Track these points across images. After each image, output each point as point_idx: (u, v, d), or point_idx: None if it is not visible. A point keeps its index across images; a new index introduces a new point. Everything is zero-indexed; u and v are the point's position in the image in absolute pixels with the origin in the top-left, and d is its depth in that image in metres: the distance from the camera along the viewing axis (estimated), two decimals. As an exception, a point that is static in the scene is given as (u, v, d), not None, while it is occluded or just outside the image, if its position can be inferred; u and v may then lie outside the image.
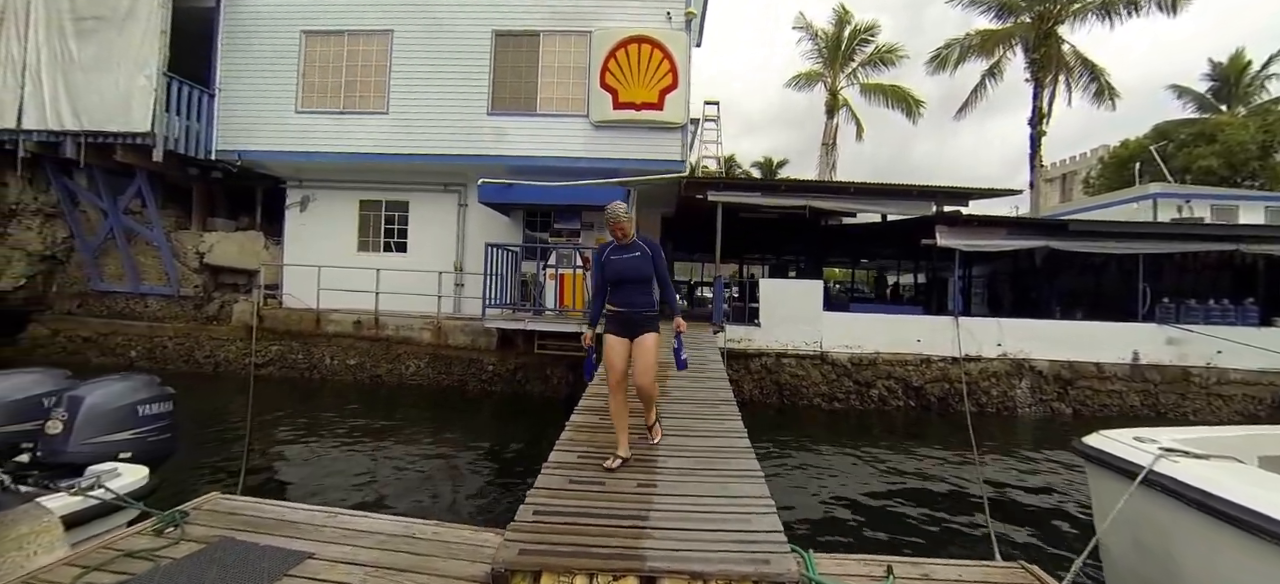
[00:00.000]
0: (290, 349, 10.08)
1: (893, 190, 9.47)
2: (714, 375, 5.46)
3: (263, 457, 6.22)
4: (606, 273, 3.39)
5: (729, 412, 4.37)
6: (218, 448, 6.26)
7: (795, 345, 9.45)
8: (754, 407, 9.16)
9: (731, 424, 4.10)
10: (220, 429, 6.92)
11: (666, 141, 9.64)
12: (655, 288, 3.44)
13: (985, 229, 9.57)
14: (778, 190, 9.54)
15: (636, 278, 3.35)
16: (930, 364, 9.45)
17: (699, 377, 5.45)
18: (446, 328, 9.89)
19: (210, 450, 6.15)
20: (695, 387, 5.11)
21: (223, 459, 5.90)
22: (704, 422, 4.16)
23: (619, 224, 3.34)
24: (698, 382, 5.28)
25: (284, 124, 10.00)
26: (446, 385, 9.64)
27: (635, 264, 3.33)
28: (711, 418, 4.28)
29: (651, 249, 3.35)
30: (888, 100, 16.36)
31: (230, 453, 6.07)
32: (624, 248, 3.37)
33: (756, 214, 12.65)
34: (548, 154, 9.72)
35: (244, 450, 5.58)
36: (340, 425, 7.49)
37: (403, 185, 10.88)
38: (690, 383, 5.21)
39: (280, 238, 11.19)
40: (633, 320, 3.40)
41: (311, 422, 7.63)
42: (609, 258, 3.39)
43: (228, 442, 6.47)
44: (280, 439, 7.02)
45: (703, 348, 6.82)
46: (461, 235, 10.81)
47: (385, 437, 7.09)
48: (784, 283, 9.82)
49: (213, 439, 6.54)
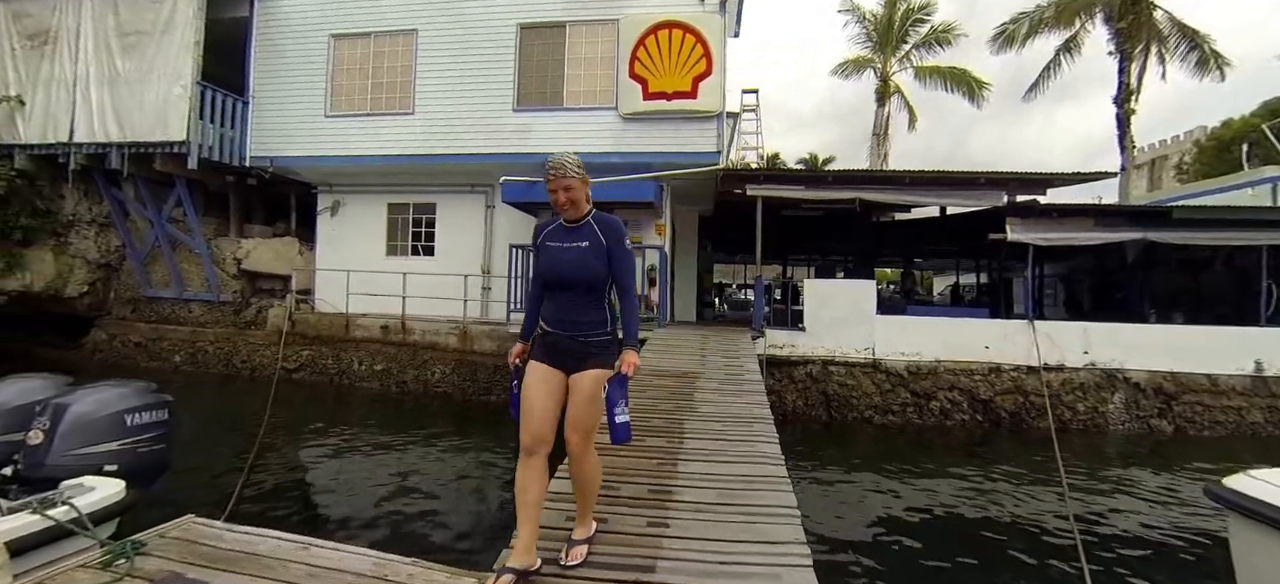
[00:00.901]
0: (320, 354, 10.23)
1: (956, 179, 8.62)
2: (750, 388, 4.96)
3: (275, 469, 6.17)
4: (539, 266, 2.33)
5: (764, 432, 3.87)
6: (234, 458, 6.27)
7: (844, 352, 8.74)
8: (798, 420, 8.54)
9: (766, 448, 3.60)
10: (244, 437, 6.96)
11: (701, 132, 9.17)
12: (608, 299, 2.29)
13: (1068, 220, 8.56)
14: (824, 182, 8.88)
15: (579, 281, 2.21)
16: (1001, 374, 8.53)
17: (733, 389, 4.96)
18: (473, 333, 9.76)
19: (224, 460, 6.15)
20: (727, 400, 4.63)
21: (234, 471, 5.86)
22: (733, 444, 3.69)
23: (562, 181, 2.17)
24: (731, 394, 4.79)
25: (314, 129, 10.17)
26: (471, 394, 9.51)
27: (580, 260, 2.21)
28: (743, 438, 3.79)
29: (609, 236, 2.24)
30: (947, 84, 15.18)
31: (243, 464, 6.06)
32: (569, 230, 2.26)
33: (800, 211, 11.97)
34: (575, 149, 9.38)
35: (244, 471, 5.49)
36: (360, 436, 7.44)
37: (430, 188, 10.88)
38: (721, 396, 4.73)
39: (314, 243, 11.44)
40: (566, 348, 2.25)
41: (333, 430, 7.62)
42: (545, 242, 2.31)
43: (245, 452, 6.47)
44: (300, 446, 7.02)
45: (740, 356, 6.32)
46: (489, 237, 10.69)
47: (403, 449, 6.98)
48: (831, 283, 9.13)
49: (229, 447, 6.57)
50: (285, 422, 8.04)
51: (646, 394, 4.74)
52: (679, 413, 4.29)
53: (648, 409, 4.35)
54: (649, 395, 4.72)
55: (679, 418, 4.17)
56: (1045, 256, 16.98)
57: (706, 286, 14.36)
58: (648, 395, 4.71)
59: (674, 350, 6.55)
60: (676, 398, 4.67)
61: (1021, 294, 20.82)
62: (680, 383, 5.12)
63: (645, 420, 4.07)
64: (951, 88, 15.13)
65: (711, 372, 5.51)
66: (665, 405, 4.47)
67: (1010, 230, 8.70)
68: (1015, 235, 8.69)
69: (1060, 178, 8.42)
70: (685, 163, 9.15)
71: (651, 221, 10.09)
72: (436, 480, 5.88)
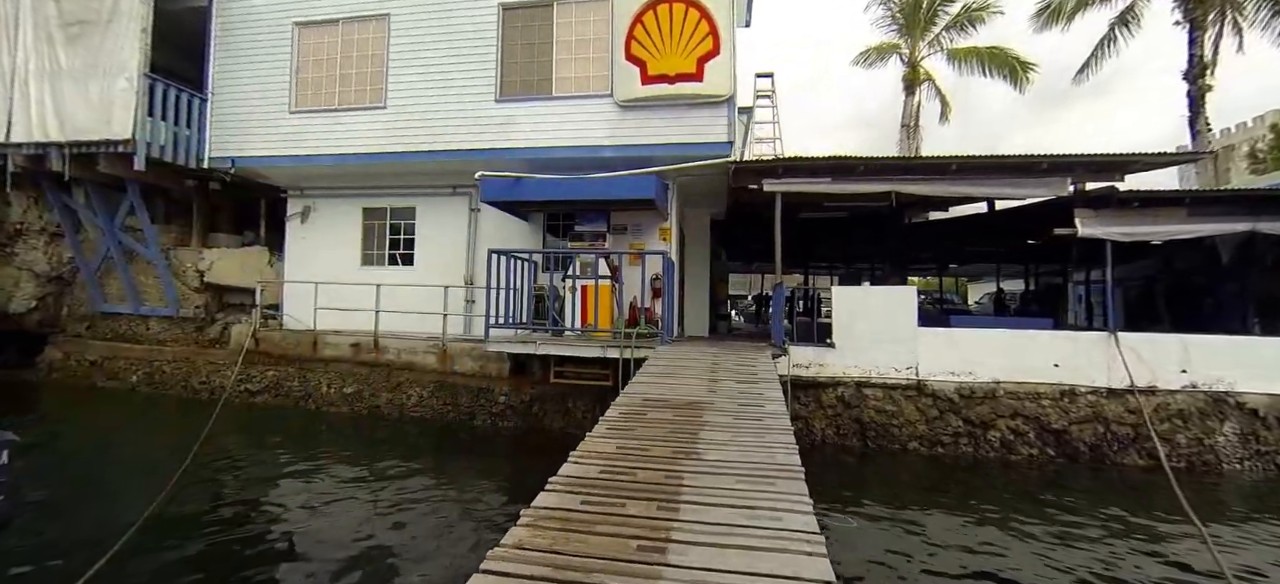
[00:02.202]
0: (285, 376, 9.36)
1: (1012, 164, 7.46)
2: (772, 425, 3.86)
3: (199, 521, 5.19)
4: None
5: (792, 495, 2.77)
6: (149, 503, 5.29)
7: (882, 372, 7.59)
8: (828, 452, 7.39)
9: (797, 518, 2.50)
10: (164, 480, 6.00)
11: (708, 120, 8.16)
12: None
13: (1153, 211, 7.33)
14: (853, 172, 7.79)
15: None
16: (1076, 397, 7.29)
17: (751, 427, 3.87)
18: (453, 352, 8.81)
19: (123, 511, 5.15)
20: (743, 442, 3.54)
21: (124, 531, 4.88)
22: (754, 512, 2.60)
23: None
24: (748, 433, 3.70)
25: (277, 126, 9.41)
26: (452, 419, 8.53)
27: None
28: (765, 498, 2.70)
29: None
30: (985, 67, 13.99)
31: (163, 507, 5.09)
32: None
33: (822, 211, 10.86)
34: (565, 144, 8.49)
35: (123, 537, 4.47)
36: (321, 471, 6.54)
37: (408, 190, 10.03)
38: (734, 436, 3.65)
39: (285, 253, 10.65)
40: None
41: (290, 463, 6.73)
42: None
43: (178, 483, 5.51)
44: (246, 483, 6.10)
45: (759, 380, 5.22)
46: (473, 244, 9.77)
47: (373, 486, 6.07)
48: (865, 291, 7.98)
49: (142, 493, 5.59)
50: (236, 451, 7.21)
51: (635, 434, 3.68)
52: (677, 461, 3.22)
53: (635, 455, 3.29)
54: (638, 436, 3.65)
55: (677, 470, 3.10)
56: (1095, 258, 15.53)
57: (720, 297, 13.27)
58: (636, 436, 3.65)
59: (678, 372, 5.48)
60: (676, 438, 3.60)
61: (1073, 301, 19.37)
62: (683, 416, 4.05)
63: (629, 473, 3.02)
64: (990, 71, 13.93)
65: (723, 401, 4.43)
66: (659, 450, 3.40)
67: (1081, 224, 7.50)
68: (1087, 230, 7.49)
69: (1141, 159, 7.22)
70: (692, 155, 8.15)
71: (655, 224, 9.08)
72: (411, 537, 4.83)
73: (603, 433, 3.70)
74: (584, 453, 3.31)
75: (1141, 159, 7.28)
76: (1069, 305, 18.72)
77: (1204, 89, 11.44)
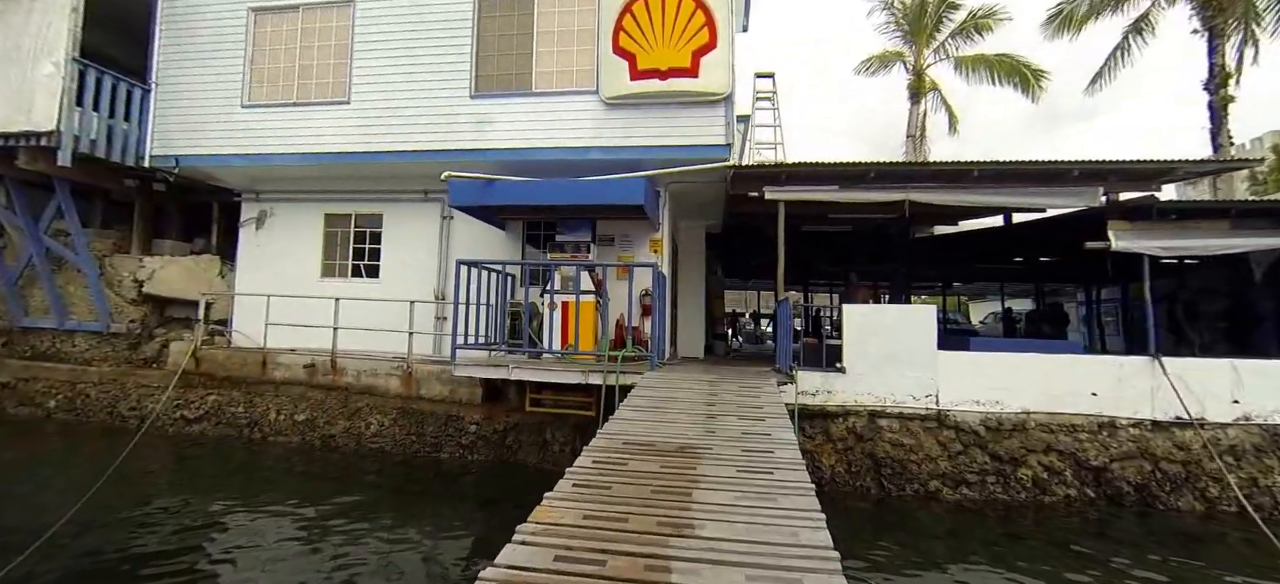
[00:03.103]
0: (229, 400, 8.43)
1: (1040, 172, 6.81)
2: (791, 481, 3.06)
3: (118, 554, 4.29)
4: None
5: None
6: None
7: (898, 400, 6.83)
8: (837, 492, 6.61)
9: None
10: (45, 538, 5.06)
11: (705, 121, 7.47)
12: None
13: (1194, 224, 6.69)
14: (864, 178, 7.10)
15: None
16: (1116, 431, 6.58)
17: (758, 483, 3.07)
18: (420, 374, 7.95)
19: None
20: (750, 506, 2.74)
21: None
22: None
23: None
24: (755, 496, 2.90)
25: (228, 122, 8.60)
26: (416, 451, 7.66)
27: None
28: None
29: None
30: (994, 75, 13.51)
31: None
32: None
33: (824, 225, 10.18)
34: (547, 145, 7.75)
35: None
36: (263, 514, 5.71)
37: (375, 194, 9.23)
38: (739, 498, 2.84)
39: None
40: None
41: (224, 509, 5.88)
42: None
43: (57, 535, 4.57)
44: (164, 537, 5.20)
45: (765, 415, 4.43)
46: (444, 255, 8.96)
47: (322, 532, 5.29)
48: (880, 309, 7.25)
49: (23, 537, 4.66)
50: (158, 490, 6.41)
51: (610, 494, 2.87)
52: (663, 541, 2.41)
53: (606, 531, 2.47)
54: (613, 496, 2.84)
55: (663, 558, 2.28)
56: (1094, 273, 14.92)
57: (717, 316, 12.51)
58: (612, 496, 2.84)
59: (668, 404, 4.68)
60: (662, 502, 2.79)
61: (1077, 321, 18.77)
62: (672, 468, 3.25)
63: (595, 558, 2.20)
64: (1000, 80, 13.45)
65: (723, 446, 3.63)
66: (640, 521, 2.59)
67: (1115, 238, 6.86)
68: (1122, 244, 6.84)
69: (1183, 167, 6.59)
70: (686, 159, 7.44)
71: (645, 236, 8.33)
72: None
73: (568, 493, 2.89)
74: (538, 527, 2.49)
75: (1182, 166, 6.66)
76: (1073, 324, 18.18)
77: (1226, 99, 10.98)
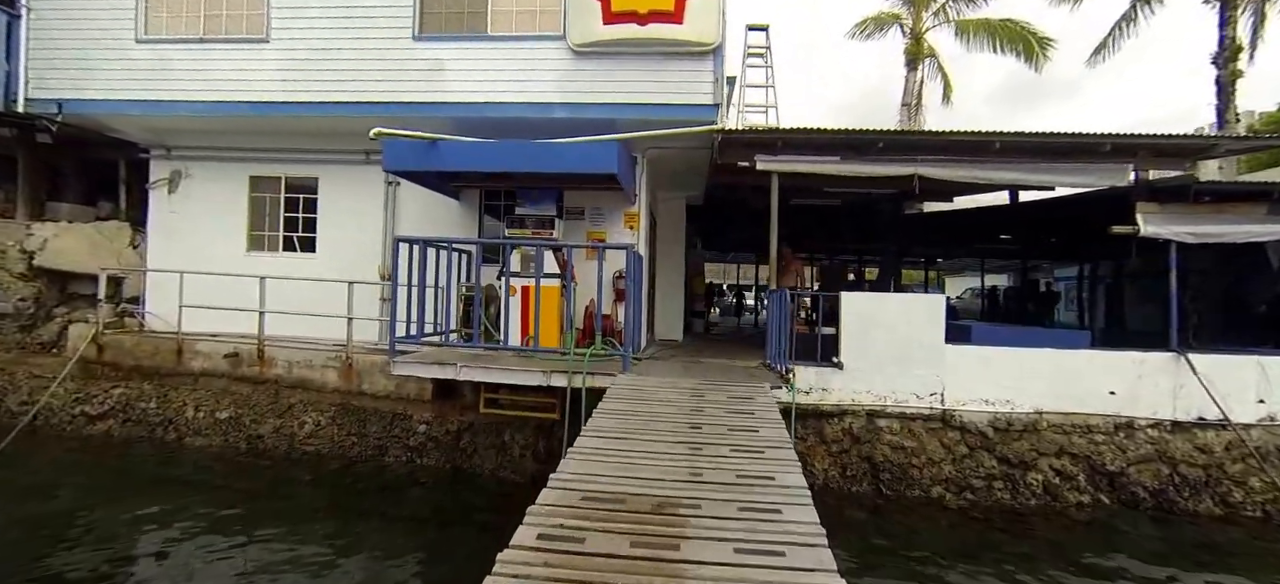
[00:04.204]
0: (139, 394, 7.33)
1: (1068, 146, 6.05)
2: (801, 548, 2.27)
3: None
4: None
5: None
6: None
7: (900, 399, 6.17)
8: (832, 500, 5.97)
9: None
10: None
11: (689, 75, 6.46)
12: None
13: (1230, 208, 6.05)
14: (871, 149, 6.23)
15: None
16: (1134, 432, 6.05)
17: (765, 549, 2.26)
18: (361, 366, 6.97)
19: None
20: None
21: None
22: None
23: None
24: (761, 562, 2.09)
25: (122, 60, 7.22)
26: (357, 455, 6.76)
27: None
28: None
29: None
30: (997, 42, 12.62)
31: None
32: None
33: (817, 198, 9.35)
34: (504, 99, 6.65)
35: None
36: (176, 532, 4.87)
37: (309, 155, 8.00)
38: (740, 574, 2.03)
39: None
40: None
41: (125, 516, 5.12)
42: None
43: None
44: (51, 551, 4.30)
45: (763, 442, 3.63)
46: (390, 226, 7.86)
47: (228, 554, 4.60)
48: (882, 298, 6.50)
49: None
50: (40, 506, 5.41)
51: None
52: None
53: None
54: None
55: None
56: (1087, 253, 14.51)
57: (696, 293, 11.69)
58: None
59: (643, 426, 3.82)
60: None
61: (1065, 301, 18.55)
62: (649, 540, 2.41)
63: None
64: (1002, 47, 12.60)
65: (716, 501, 2.81)
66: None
67: (1144, 221, 6.19)
68: (1152, 228, 6.18)
69: (1224, 143, 5.90)
70: (667, 121, 6.44)
71: (618, 209, 7.36)
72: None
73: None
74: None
75: (1223, 142, 5.98)
76: (1061, 306, 17.94)
77: (1234, 74, 10.40)
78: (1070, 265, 17.43)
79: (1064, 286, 19.45)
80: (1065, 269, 19.21)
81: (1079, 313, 16.41)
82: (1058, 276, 20.27)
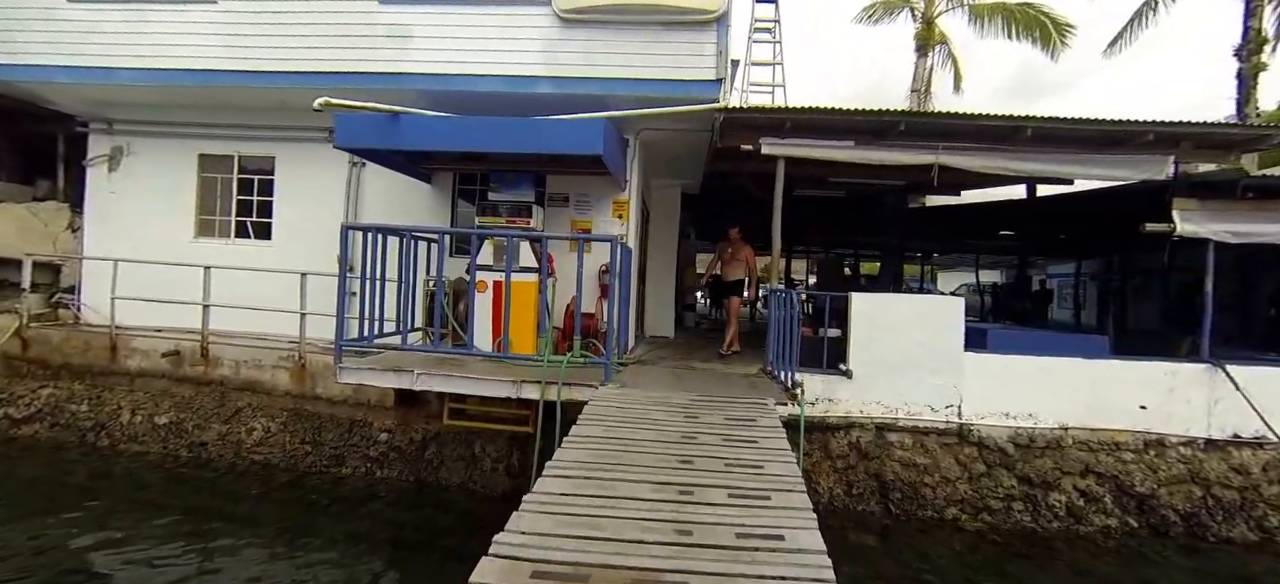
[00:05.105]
0: (69, 394, 6.57)
1: (1108, 133, 5.44)
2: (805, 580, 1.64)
3: None
4: None
5: None
6: None
7: (913, 412, 5.58)
8: (837, 521, 5.40)
9: None
10: None
11: (689, 47, 5.75)
12: None
13: (1276, 203, 5.48)
14: (890, 133, 5.58)
15: None
16: (1165, 451, 5.52)
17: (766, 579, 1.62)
18: (315, 368, 6.25)
19: None
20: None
21: None
22: None
23: None
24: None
25: (51, 21, 6.38)
26: (311, 466, 6.05)
27: None
28: None
29: None
30: (1012, 27, 11.97)
31: None
32: None
33: (821, 190, 8.70)
34: (481, 71, 5.91)
35: None
36: (87, 555, 4.20)
37: (263, 131, 7.21)
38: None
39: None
40: None
41: (43, 537, 4.42)
42: None
43: None
44: None
45: (762, 455, 2.99)
46: (354, 212, 7.10)
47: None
48: (894, 299, 5.87)
49: None
50: None
51: None
52: None
53: None
54: None
55: None
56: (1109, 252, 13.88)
57: (689, 285, 11.04)
58: None
59: (623, 462, 3.14)
60: None
61: (1054, 303, 18.02)
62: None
63: None
64: (1017, 33, 11.98)
65: (708, 563, 2.17)
66: None
67: (1181, 219, 5.62)
68: (1190, 227, 5.61)
69: (1276, 133, 5.31)
70: (664, 98, 5.75)
71: (607, 197, 6.67)
72: None
73: None
74: None
75: (1275, 132, 5.38)
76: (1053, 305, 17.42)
77: (1258, 67, 9.91)
78: (1066, 262, 17.01)
79: (1057, 284, 19.04)
80: (1059, 266, 18.82)
81: (1075, 311, 16.00)
82: (1051, 274, 19.85)
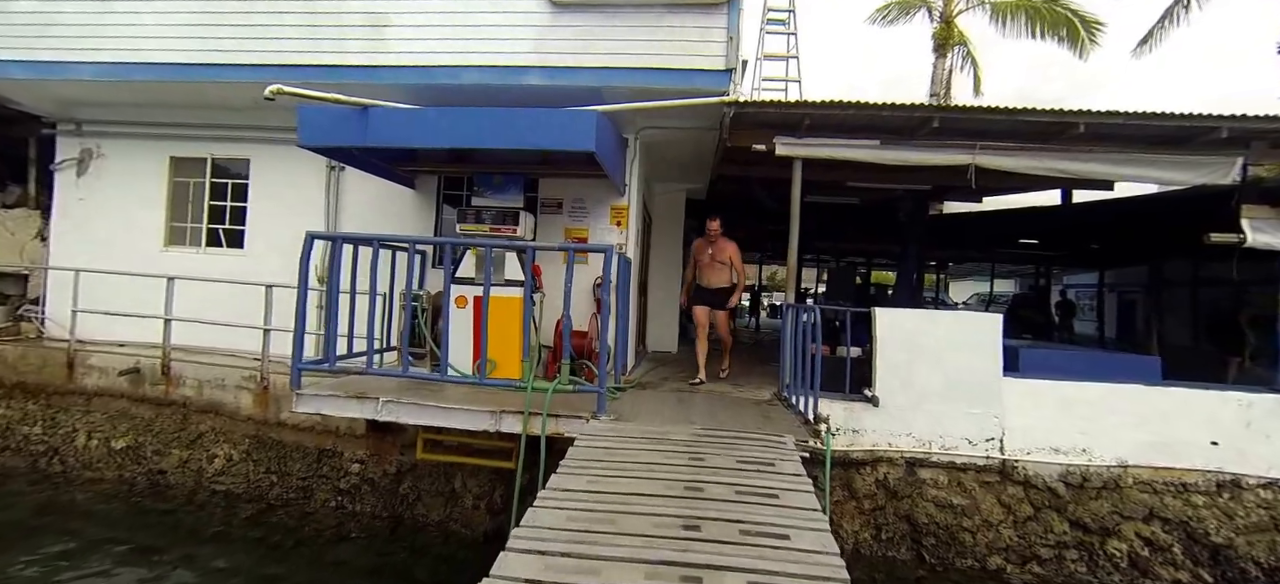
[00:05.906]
0: (23, 415, 6.02)
1: (1165, 130, 4.76)
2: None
3: None
4: None
5: None
6: None
7: (948, 445, 4.89)
8: (864, 566, 4.73)
9: None
10: None
11: (696, 33, 5.15)
12: None
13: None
14: (921, 130, 4.93)
15: None
16: (1242, 494, 4.79)
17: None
18: (280, 390, 5.64)
19: None
20: None
21: None
22: None
23: None
24: None
25: (2, 12, 5.89)
26: (277, 497, 5.45)
27: None
28: None
29: None
30: (1037, 26, 11.23)
31: None
32: None
33: (840, 197, 8.04)
34: (465, 61, 5.33)
35: None
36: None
37: (237, 131, 6.68)
38: None
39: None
40: None
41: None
42: None
43: None
44: None
45: (786, 518, 2.37)
46: (333, 219, 6.54)
47: None
48: (927, 318, 5.18)
49: None
50: None
51: None
52: None
53: None
54: None
55: None
56: (1111, 259, 13.08)
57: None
58: None
59: (609, 530, 2.53)
60: None
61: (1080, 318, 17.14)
62: None
63: None
64: (1044, 32, 11.28)
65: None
66: None
67: (1251, 229, 4.93)
68: (1262, 237, 4.92)
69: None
70: (668, 90, 5.14)
71: (604, 202, 6.05)
72: None
73: None
74: None
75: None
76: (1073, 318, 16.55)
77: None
78: (1087, 272, 16.17)
79: (1076, 295, 18.17)
80: (1076, 276, 17.93)
81: (1099, 325, 15.17)
82: (1069, 284, 18.98)
